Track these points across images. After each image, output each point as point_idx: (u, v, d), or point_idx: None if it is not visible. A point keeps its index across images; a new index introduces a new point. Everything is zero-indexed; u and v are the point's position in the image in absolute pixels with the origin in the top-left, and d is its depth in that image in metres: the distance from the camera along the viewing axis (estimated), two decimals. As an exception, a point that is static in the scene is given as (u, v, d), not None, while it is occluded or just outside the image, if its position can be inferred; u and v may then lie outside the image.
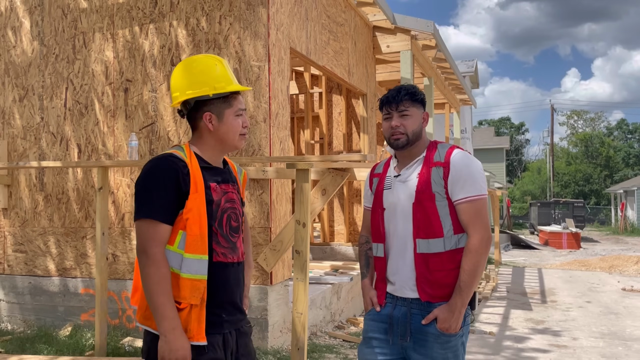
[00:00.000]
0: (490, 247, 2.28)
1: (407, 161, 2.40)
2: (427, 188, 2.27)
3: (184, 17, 5.29)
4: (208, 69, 2.09)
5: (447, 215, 2.26)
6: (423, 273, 2.27)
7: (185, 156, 2.02)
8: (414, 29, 8.03)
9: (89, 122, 5.67)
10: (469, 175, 2.26)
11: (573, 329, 6.63)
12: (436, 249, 2.25)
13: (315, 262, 7.87)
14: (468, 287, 2.21)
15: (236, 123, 2.09)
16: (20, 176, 5.94)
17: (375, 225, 2.45)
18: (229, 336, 2.05)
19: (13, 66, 6.04)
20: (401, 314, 2.32)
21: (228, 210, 2.07)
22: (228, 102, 2.08)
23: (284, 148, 5.31)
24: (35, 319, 5.79)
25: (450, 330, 2.22)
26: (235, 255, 2.09)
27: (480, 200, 2.25)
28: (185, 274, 1.95)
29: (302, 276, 3.87)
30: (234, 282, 2.09)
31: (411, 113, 2.35)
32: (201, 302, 1.96)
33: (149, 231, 1.93)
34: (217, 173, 2.09)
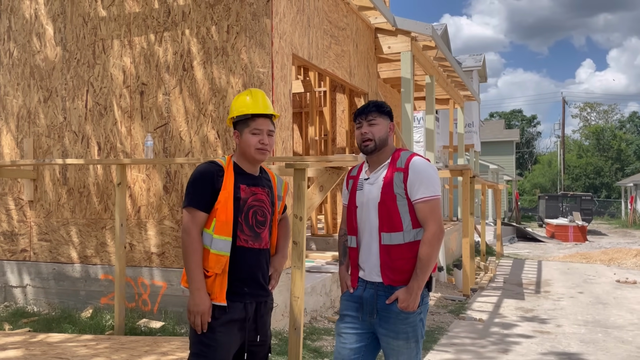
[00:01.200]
0: (442, 240, 2.71)
1: (376, 166, 2.84)
2: (390, 190, 2.71)
3: (195, 26, 5.75)
4: (239, 99, 2.75)
5: (407, 212, 2.69)
6: (386, 261, 2.71)
7: (225, 163, 2.67)
8: (414, 30, 8.41)
9: (108, 122, 6.16)
10: (424, 179, 2.69)
11: (559, 317, 7.04)
12: (397, 241, 2.69)
13: (318, 253, 8.34)
14: (423, 273, 2.66)
15: (251, 140, 2.65)
16: (45, 171, 6.46)
17: (349, 221, 2.90)
18: (249, 306, 2.60)
19: (38, 69, 6.54)
20: (369, 295, 2.77)
21: (255, 207, 2.66)
22: (246, 123, 2.69)
23: (286, 147, 5.76)
24: (58, 302, 6.32)
25: (409, 308, 2.65)
26: (258, 242, 2.66)
27: (433, 200, 2.68)
28: (213, 249, 2.56)
29: (299, 264, 4.32)
30: (255, 263, 2.65)
31: (378, 122, 2.80)
32: (222, 273, 2.55)
33: (188, 216, 2.57)
34: (249, 178, 2.69)
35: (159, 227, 5.90)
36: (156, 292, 5.86)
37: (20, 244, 6.62)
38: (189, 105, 5.77)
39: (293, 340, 4.26)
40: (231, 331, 2.56)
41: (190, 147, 5.76)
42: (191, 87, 5.76)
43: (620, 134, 50.37)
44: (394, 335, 2.69)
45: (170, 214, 5.86)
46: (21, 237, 6.62)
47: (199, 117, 5.72)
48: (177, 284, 5.74)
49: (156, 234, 5.91)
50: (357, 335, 2.80)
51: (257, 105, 2.70)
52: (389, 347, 2.72)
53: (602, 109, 62.23)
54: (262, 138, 2.65)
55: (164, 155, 5.86)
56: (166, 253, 5.87)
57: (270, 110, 2.75)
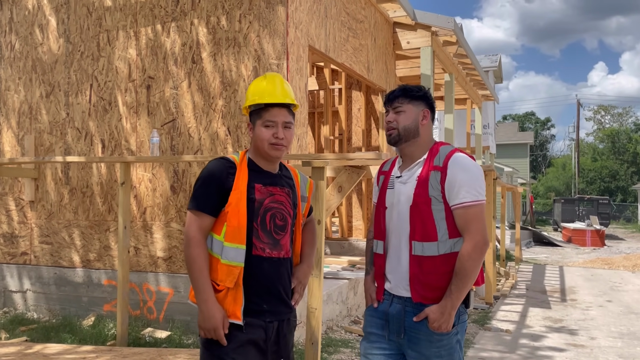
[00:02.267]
0: (485, 254, 2.28)
1: (409, 162, 2.43)
2: (424, 192, 2.30)
3: (205, 15, 5.38)
4: (254, 85, 2.37)
5: (443, 219, 2.28)
6: (416, 274, 2.31)
7: (237, 159, 2.30)
8: (435, 25, 8.00)
9: (113, 118, 5.81)
10: (466, 180, 2.27)
11: (591, 328, 6.59)
12: (430, 252, 2.28)
13: (333, 257, 7.94)
14: (459, 290, 2.24)
15: (263, 133, 2.28)
16: (47, 170, 6.12)
17: (377, 223, 2.50)
18: (270, 326, 2.25)
19: (40, 63, 6.21)
20: (396, 311, 2.37)
21: (273, 209, 2.29)
22: (259, 113, 2.31)
23: (302, 145, 5.38)
24: (60, 309, 5.98)
25: (441, 329, 2.25)
26: (277, 250, 2.28)
27: (476, 205, 2.27)
28: (224, 259, 2.20)
29: (317, 272, 3.94)
30: (275, 275, 2.27)
31: (404, 109, 2.40)
32: (236, 286, 2.19)
33: (191, 219, 2.24)
34: (266, 176, 2.32)
35: (165, 229, 5.54)
36: (162, 300, 5.49)
37: (20, 246, 6.29)
38: (198, 100, 5.40)
39: (310, 355, 3.87)
40: (249, 354, 2.20)
41: (199, 144, 5.39)
42: (200, 81, 5.40)
43: (636, 137, 49.45)
44: (425, 359, 2.30)
45: (177, 216, 5.49)
46: (21, 239, 6.28)
47: (208, 113, 5.35)
48: (184, 291, 5.37)
49: (163, 237, 5.55)
50: (384, 357, 2.40)
51: (273, 92, 2.32)
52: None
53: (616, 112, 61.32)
54: (276, 131, 2.28)
55: (171, 153, 5.50)
56: (173, 257, 5.50)
57: (288, 98, 2.34)
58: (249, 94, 2.36)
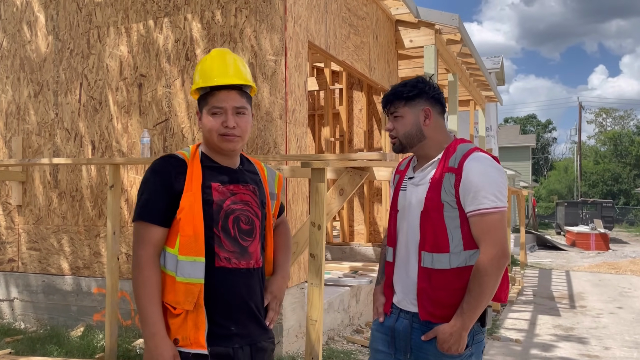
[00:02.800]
0: (504, 268, 2.00)
1: (423, 162, 2.17)
2: (437, 196, 2.02)
3: (199, 10, 5.13)
4: (200, 65, 1.97)
5: (457, 228, 2.00)
6: (425, 289, 2.04)
7: (188, 155, 1.94)
8: (439, 22, 7.74)
9: (103, 119, 5.55)
10: (485, 184, 1.97)
11: (604, 337, 6.31)
12: (440, 265, 2.01)
13: (334, 263, 7.67)
14: (472, 311, 1.96)
15: (209, 122, 1.90)
16: (35, 173, 5.85)
17: (389, 227, 2.24)
18: (240, 352, 1.87)
19: (28, 61, 5.95)
20: (403, 327, 2.11)
21: (236, 212, 1.91)
22: (205, 99, 1.93)
23: (301, 145, 5.11)
24: (48, 318, 5.70)
25: (452, 351, 1.98)
26: (245, 260, 1.91)
27: (493, 213, 1.97)
28: (179, 277, 1.83)
29: (317, 281, 3.67)
30: (244, 290, 1.90)
31: (401, 113, 2.14)
32: (196, 308, 1.82)
33: (138, 233, 1.88)
34: (224, 173, 1.95)
35: (158, 235, 5.26)
36: (154, 309, 5.21)
37: (7, 253, 6.01)
38: (192, 99, 5.14)
39: (310, 371, 3.59)
40: None
41: (193, 145, 5.12)
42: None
43: (638, 140, 49.23)
44: None
45: (170, 221, 5.21)
46: (9, 245, 6.01)
47: (203, 112, 5.08)
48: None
49: (155, 243, 5.27)
50: None
51: (220, 71, 1.90)
52: None
53: (617, 115, 61.10)
54: (225, 119, 1.88)
55: (164, 154, 5.21)
56: (166, 264, 5.22)
57: (241, 77, 1.91)
58: (196, 75, 1.97)
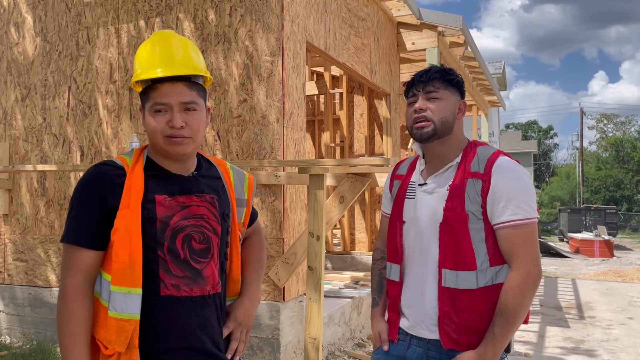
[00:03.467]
0: (538, 286, 1.77)
1: (438, 166, 1.89)
2: (460, 205, 1.77)
3: (192, 9, 4.89)
4: (139, 53, 1.64)
5: (482, 241, 1.76)
6: (448, 313, 1.78)
7: (129, 161, 1.62)
8: (441, 24, 7.52)
9: (92, 123, 5.31)
10: (516, 193, 1.74)
11: (617, 351, 6.04)
12: (466, 284, 1.76)
13: (334, 273, 7.40)
14: (504, 335, 1.71)
15: (152, 122, 1.58)
16: (22, 180, 5.61)
17: (391, 241, 1.96)
18: None
19: (15, 64, 5.72)
20: (416, 356, 1.86)
21: (187, 228, 1.59)
22: (147, 94, 1.60)
23: (299, 151, 4.86)
24: (34, 333, 5.44)
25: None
26: (198, 287, 1.60)
27: (528, 225, 1.74)
28: (111, 311, 1.52)
29: (316, 296, 3.41)
30: (196, 321, 1.60)
31: (442, 96, 1.85)
32: (129, 349, 1.51)
33: (65, 257, 1.58)
34: (173, 182, 1.62)
35: (149, 245, 5.01)
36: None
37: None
38: (184, 102, 4.89)
39: (309, 393, 3.33)
40: None
41: (186, 151, 4.87)
42: (187, 81, 4.89)
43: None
44: None
45: (162, 230, 4.96)
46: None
47: (196, 116, 4.84)
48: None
49: (146, 253, 5.02)
50: None
51: (162, 59, 1.56)
52: None
53: (619, 121, 60.88)
54: (171, 118, 1.55)
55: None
56: (157, 276, 4.97)
57: (189, 66, 1.58)
58: (134, 65, 1.64)
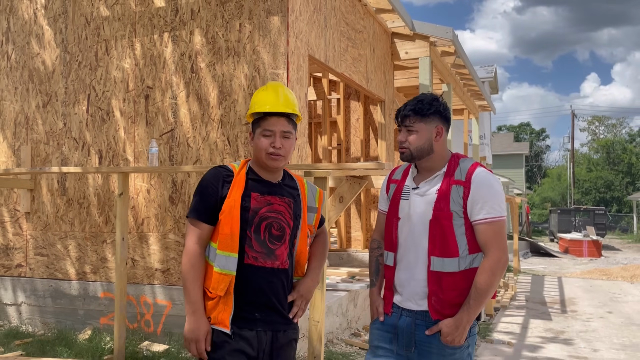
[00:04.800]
0: (505, 269, 2.29)
1: (427, 174, 2.39)
2: (446, 206, 2.27)
3: (204, 25, 5.35)
4: (256, 94, 2.37)
5: (463, 234, 2.26)
6: (435, 291, 2.27)
7: (237, 167, 2.33)
8: (433, 35, 8.00)
9: (110, 129, 5.75)
10: (490, 197, 2.25)
11: (594, 340, 6.53)
12: (450, 268, 2.25)
13: (332, 269, 7.86)
14: (477, 305, 2.22)
15: (261, 142, 2.27)
16: (43, 181, 6.04)
17: (388, 233, 2.45)
18: (263, 335, 2.23)
19: (37, 73, 6.15)
20: (406, 324, 2.33)
21: (269, 219, 2.26)
22: (258, 122, 2.31)
23: (302, 155, 5.32)
24: (55, 322, 5.87)
25: (454, 343, 2.23)
26: (270, 260, 2.25)
27: (499, 221, 2.25)
28: (216, 267, 2.21)
29: (319, 284, 3.87)
30: (267, 286, 2.24)
31: (416, 128, 2.34)
32: (226, 295, 2.20)
33: (189, 227, 2.28)
34: (264, 185, 2.31)
35: (163, 241, 5.46)
36: (160, 312, 5.40)
37: (15, 258, 6.19)
38: (197, 110, 5.35)
39: (312, 370, 3.79)
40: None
41: (198, 154, 5.33)
42: (199, 90, 5.35)
43: (630, 148, 49.74)
44: None
45: (175, 227, 5.42)
46: (16, 251, 6.18)
47: (207, 123, 5.30)
48: (182, 304, 5.28)
49: (160, 248, 5.47)
50: None
51: (272, 100, 2.29)
52: None
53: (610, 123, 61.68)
54: (273, 140, 2.26)
55: (170, 163, 5.43)
56: (171, 269, 5.42)
57: (289, 107, 2.30)
58: (252, 103, 2.36)
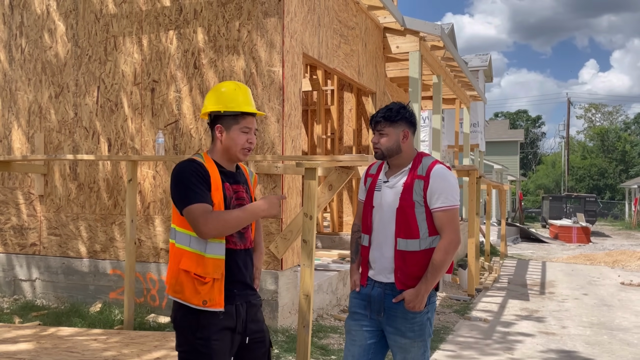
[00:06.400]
0: (457, 249, 2.78)
1: (396, 170, 2.87)
2: (409, 197, 2.74)
3: (206, 24, 5.78)
4: (227, 92, 2.56)
5: (424, 220, 2.74)
6: (400, 266, 2.75)
7: (204, 162, 2.50)
8: (423, 30, 8.42)
9: (119, 119, 6.21)
10: (445, 189, 2.72)
11: (564, 319, 7.06)
12: (413, 247, 2.73)
13: (324, 251, 8.38)
14: (433, 277, 2.71)
15: (239, 138, 2.51)
16: (55, 167, 6.51)
17: (364, 219, 2.94)
18: (240, 307, 2.52)
19: (49, 65, 6.59)
20: (377, 294, 2.82)
21: (237, 206, 2.52)
22: (236, 119, 2.53)
23: (296, 146, 5.80)
24: (67, 296, 6.38)
25: (415, 309, 2.71)
26: (243, 243, 2.56)
27: (452, 209, 2.73)
28: (209, 254, 2.43)
29: (309, 262, 4.37)
30: (243, 264, 2.55)
31: (387, 132, 2.82)
32: (221, 277, 2.45)
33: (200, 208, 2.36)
34: (229, 176, 2.56)
35: (167, 223, 5.95)
36: (164, 288, 5.87)
37: (29, 238, 6.68)
38: (199, 103, 5.81)
39: (302, 337, 4.30)
40: (226, 337, 2.48)
41: (199, 144, 5.80)
42: (202, 85, 5.80)
43: (625, 136, 50.23)
44: (401, 333, 2.76)
45: (179, 211, 5.89)
46: (31, 231, 6.68)
47: (209, 115, 5.76)
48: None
49: (165, 230, 5.96)
50: (366, 332, 2.86)
51: (247, 101, 2.57)
52: (396, 345, 2.79)
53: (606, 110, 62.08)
54: (250, 137, 2.54)
55: (174, 152, 5.90)
56: (175, 249, 5.91)
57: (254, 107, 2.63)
58: (224, 100, 2.52)
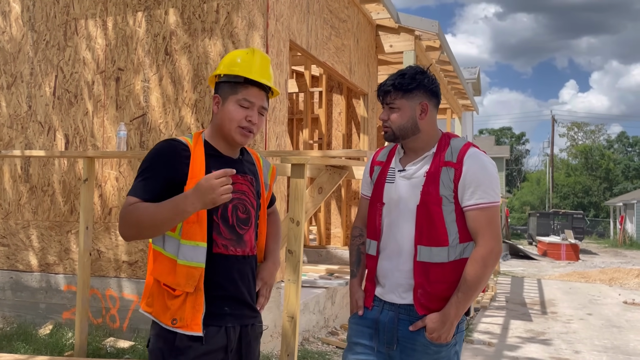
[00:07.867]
0: (498, 261, 2.08)
1: (414, 155, 2.15)
2: (435, 190, 2.03)
3: (180, 4, 5.08)
4: (233, 55, 2.03)
5: (454, 221, 2.02)
6: (422, 284, 2.03)
7: (191, 142, 1.97)
8: (418, 28, 7.83)
9: (78, 112, 5.44)
10: (483, 180, 2.02)
11: (575, 342, 6.40)
12: (439, 258, 2.01)
13: (310, 265, 7.63)
14: (467, 299, 1.98)
15: (235, 112, 1.94)
16: (5, 166, 5.70)
17: (371, 220, 2.21)
18: (232, 331, 1.95)
19: (2, 52, 5.81)
20: (388, 319, 2.10)
21: (234, 200, 1.94)
22: (235, 88, 1.96)
23: (280, 144, 5.08)
24: (15, 316, 5.54)
25: (441, 340, 2.00)
26: (241, 247, 1.98)
27: (492, 207, 2.02)
28: (181, 260, 1.88)
29: (295, 277, 3.63)
30: (238, 276, 1.97)
31: (398, 105, 2.11)
32: (196, 291, 1.88)
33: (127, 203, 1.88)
34: (225, 162, 1.97)
35: (132, 232, 5.16)
36: (126, 307, 5.10)
37: (-26, 248, 5.83)
38: (170, 94, 5.08)
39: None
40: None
41: (170, 141, 5.05)
42: (174, 73, 5.08)
43: (608, 154, 50.45)
44: None
45: (145, 217, 5.12)
46: (-25, 240, 5.83)
47: (181, 107, 5.03)
48: (150, 298, 5.00)
49: (129, 239, 5.17)
50: None
51: (258, 69, 1.97)
52: None
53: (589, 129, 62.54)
54: (250, 114, 1.95)
55: (140, 149, 5.14)
56: (139, 262, 5.13)
57: (272, 82, 2.02)
58: (226, 63, 2.00)
